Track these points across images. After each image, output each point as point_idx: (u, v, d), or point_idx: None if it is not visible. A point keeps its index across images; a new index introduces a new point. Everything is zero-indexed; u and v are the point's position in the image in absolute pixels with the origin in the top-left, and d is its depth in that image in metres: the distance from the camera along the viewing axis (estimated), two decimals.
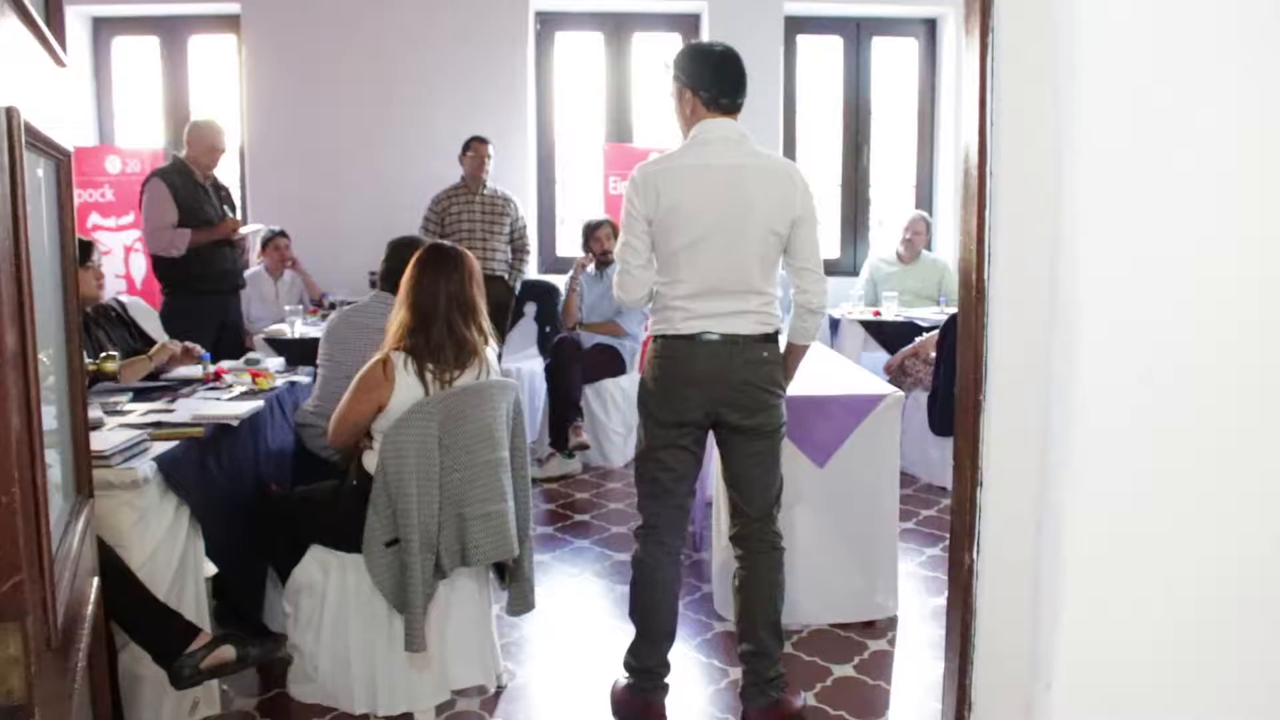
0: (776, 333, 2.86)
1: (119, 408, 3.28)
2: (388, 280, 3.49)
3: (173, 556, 2.80)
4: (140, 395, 3.52)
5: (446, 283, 2.92)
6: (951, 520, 1.77)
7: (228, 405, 3.34)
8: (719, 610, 3.67)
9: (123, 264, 6.42)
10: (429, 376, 2.86)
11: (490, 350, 3.03)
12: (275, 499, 3.26)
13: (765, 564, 2.89)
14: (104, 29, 6.96)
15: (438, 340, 2.88)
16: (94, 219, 6.30)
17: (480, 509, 2.86)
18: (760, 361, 2.79)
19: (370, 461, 2.90)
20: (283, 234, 6.34)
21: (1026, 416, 1.50)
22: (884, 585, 3.67)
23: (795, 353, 2.93)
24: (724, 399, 2.78)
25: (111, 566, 2.49)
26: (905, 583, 3.89)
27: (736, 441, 2.85)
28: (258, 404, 3.39)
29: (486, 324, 3.02)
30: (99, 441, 2.61)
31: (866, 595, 3.65)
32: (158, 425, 3.05)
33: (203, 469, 2.97)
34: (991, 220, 1.57)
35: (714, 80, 2.79)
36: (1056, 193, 1.39)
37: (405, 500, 2.77)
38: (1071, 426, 1.39)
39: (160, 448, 2.83)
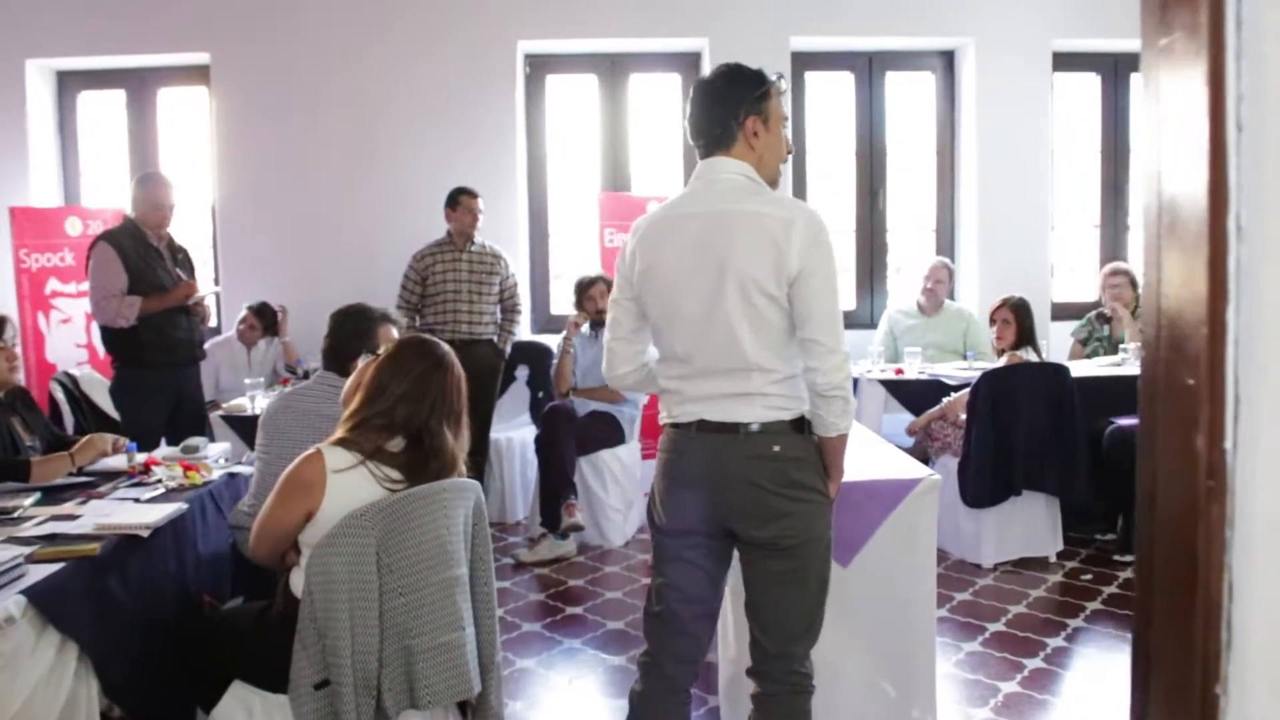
0: (801, 419, 2.28)
1: (16, 514, 2.80)
2: (332, 358, 3.01)
3: (54, 706, 2.30)
4: (50, 494, 3.03)
5: (439, 383, 2.50)
6: None
7: (141, 510, 2.84)
8: None
9: (84, 333, 5.95)
10: (374, 471, 2.39)
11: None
12: (201, 618, 2.76)
13: (783, 712, 2.35)
14: (69, 83, 6.57)
15: (411, 444, 2.44)
16: (53, 284, 5.86)
17: (431, 640, 2.35)
18: (769, 457, 2.22)
19: (298, 583, 2.40)
20: (260, 311, 5.92)
21: None
22: (921, 697, 3.13)
23: (825, 446, 2.29)
24: (726, 504, 2.25)
25: None
26: (942, 688, 3.34)
27: (753, 557, 2.31)
28: (177, 507, 2.89)
29: (466, 435, 2.57)
30: None
31: (900, 710, 3.11)
32: (51, 539, 2.56)
33: (97, 593, 2.47)
34: (1242, 317, 0.89)
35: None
36: None
37: (335, 634, 2.25)
38: None
39: (40, 572, 2.33)
